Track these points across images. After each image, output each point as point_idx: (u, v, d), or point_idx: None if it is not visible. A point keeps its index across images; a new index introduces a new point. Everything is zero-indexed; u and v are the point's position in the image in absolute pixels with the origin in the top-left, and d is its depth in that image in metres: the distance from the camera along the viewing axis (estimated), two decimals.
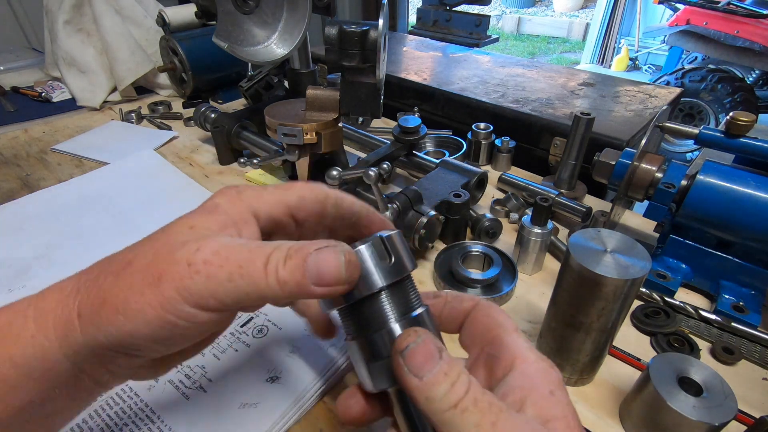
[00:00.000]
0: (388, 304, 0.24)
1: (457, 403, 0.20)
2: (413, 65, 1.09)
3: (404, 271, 0.24)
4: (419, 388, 0.21)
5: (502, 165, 0.77)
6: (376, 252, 0.24)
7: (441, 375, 0.21)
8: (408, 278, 0.25)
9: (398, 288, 0.24)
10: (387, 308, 0.24)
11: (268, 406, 0.37)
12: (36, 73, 1.18)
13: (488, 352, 0.25)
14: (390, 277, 0.24)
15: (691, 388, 0.34)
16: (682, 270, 0.52)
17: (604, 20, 4.62)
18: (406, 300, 0.25)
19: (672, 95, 0.90)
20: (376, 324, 0.24)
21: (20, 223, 0.62)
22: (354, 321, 0.25)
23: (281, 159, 0.61)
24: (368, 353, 0.24)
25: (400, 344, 0.22)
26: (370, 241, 0.24)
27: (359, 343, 0.24)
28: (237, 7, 0.60)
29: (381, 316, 0.24)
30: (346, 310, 0.25)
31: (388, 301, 0.24)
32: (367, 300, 0.24)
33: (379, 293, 0.24)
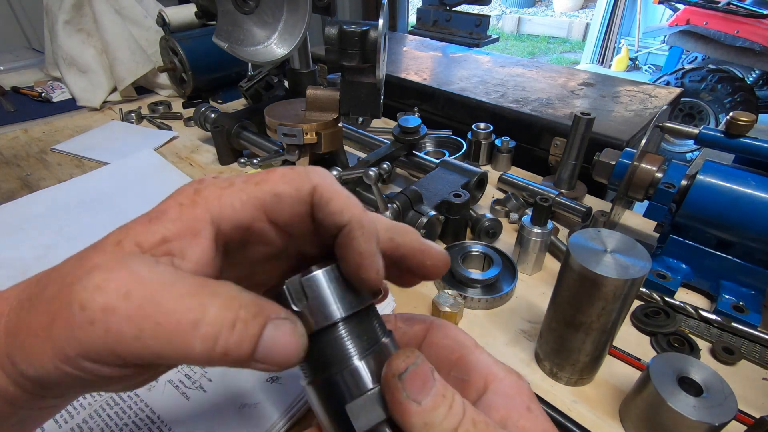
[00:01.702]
0: (349, 339, 0.21)
1: (457, 426, 0.18)
2: (413, 65, 1.09)
3: (366, 300, 0.21)
4: (417, 414, 0.18)
5: (502, 165, 0.77)
6: (333, 277, 0.20)
7: (439, 397, 0.19)
8: (370, 306, 0.22)
9: (359, 317, 0.21)
10: (348, 343, 0.21)
11: (268, 406, 0.37)
12: (36, 73, 1.18)
13: (455, 376, 0.24)
14: (349, 307, 0.20)
15: (691, 388, 0.34)
16: (682, 270, 0.52)
17: (604, 20, 4.62)
18: (370, 330, 0.22)
19: (672, 95, 0.90)
20: (339, 362, 0.20)
21: (20, 223, 0.62)
22: (311, 360, 0.21)
23: (281, 159, 0.61)
24: (332, 396, 0.21)
25: (398, 367, 0.19)
26: (328, 266, 0.21)
27: (318, 385, 0.21)
28: (237, 7, 0.60)
29: (343, 353, 0.20)
30: None
31: (348, 334, 0.21)
32: (325, 335, 0.20)
33: (336, 326, 0.20)
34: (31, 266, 0.54)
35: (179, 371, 0.40)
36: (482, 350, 0.24)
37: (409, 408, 0.18)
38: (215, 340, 0.16)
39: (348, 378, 0.20)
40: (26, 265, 0.54)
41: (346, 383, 0.20)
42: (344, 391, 0.20)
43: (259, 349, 0.17)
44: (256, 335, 0.17)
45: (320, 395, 0.21)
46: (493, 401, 0.22)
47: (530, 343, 0.46)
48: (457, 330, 0.25)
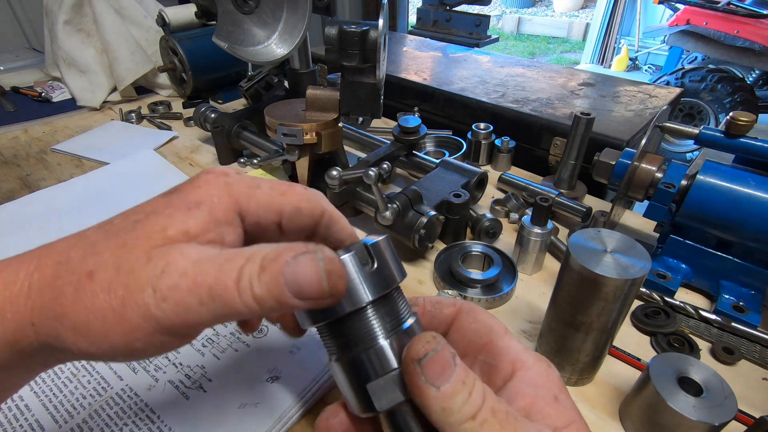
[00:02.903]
0: (376, 320, 0.21)
1: (476, 414, 0.19)
2: (413, 65, 1.09)
3: (393, 282, 0.22)
4: (436, 399, 0.19)
5: (502, 165, 0.77)
6: (360, 261, 0.21)
7: (459, 384, 0.19)
8: (397, 288, 0.23)
9: (386, 300, 0.22)
10: (375, 324, 0.21)
11: (268, 406, 0.37)
12: (36, 73, 1.18)
13: (483, 360, 0.24)
14: (377, 290, 0.21)
15: (691, 388, 0.34)
16: (682, 270, 0.52)
17: (604, 20, 4.62)
18: (395, 312, 0.22)
19: (672, 95, 0.90)
20: (365, 341, 0.21)
21: (20, 223, 0.62)
22: (337, 339, 0.22)
23: (281, 159, 0.61)
24: (356, 374, 0.21)
25: (417, 352, 0.20)
26: (353, 249, 0.21)
27: (344, 363, 0.22)
28: (237, 7, 0.60)
29: (369, 333, 0.21)
30: (327, 327, 0.22)
31: (375, 316, 0.21)
32: (352, 316, 0.21)
33: (365, 308, 0.21)
34: None
35: (179, 371, 0.40)
36: (512, 336, 0.24)
37: (428, 392, 0.19)
38: (251, 290, 0.19)
39: (373, 357, 0.21)
40: None
41: (371, 362, 0.21)
42: (368, 369, 0.21)
43: (286, 287, 0.19)
44: (280, 274, 0.19)
45: (345, 372, 0.22)
46: (519, 388, 0.22)
47: (530, 343, 0.46)
48: (487, 314, 0.25)
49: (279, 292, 0.19)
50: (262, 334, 0.44)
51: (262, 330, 0.45)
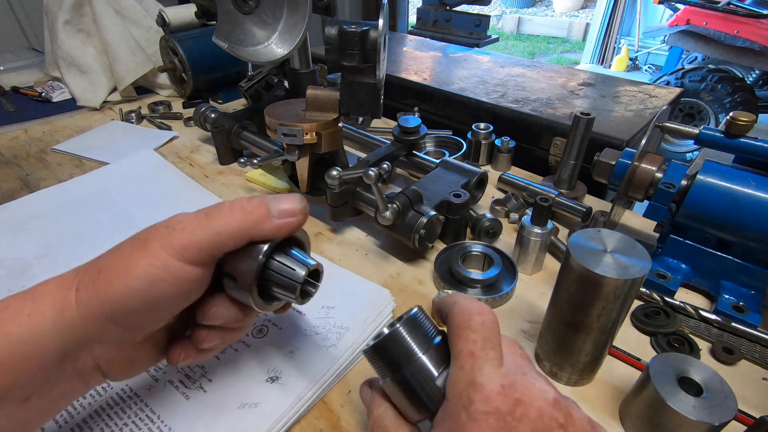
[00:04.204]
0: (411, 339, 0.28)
1: None
2: (413, 65, 1.09)
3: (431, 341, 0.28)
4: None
5: (502, 165, 0.77)
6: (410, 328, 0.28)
7: None
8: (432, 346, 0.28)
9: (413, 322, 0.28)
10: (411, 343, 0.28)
11: (268, 406, 0.37)
12: (36, 73, 1.18)
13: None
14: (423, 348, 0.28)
15: (691, 388, 0.34)
16: (682, 270, 0.52)
17: (604, 20, 4.62)
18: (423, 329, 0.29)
19: (672, 95, 0.90)
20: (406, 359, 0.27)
21: (20, 223, 0.62)
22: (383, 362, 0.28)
23: (281, 159, 0.61)
24: (407, 388, 0.27)
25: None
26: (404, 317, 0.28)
27: (395, 382, 0.28)
28: (237, 7, 0.60)
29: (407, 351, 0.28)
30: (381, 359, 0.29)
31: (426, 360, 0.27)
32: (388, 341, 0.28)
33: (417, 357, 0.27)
34: (31, 266, 0.54)
35: (179, 371, 0.40)
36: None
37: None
38: (241, 206, 0.28)
39: (417, 371, 0.27)
40: (26, 265, 0.54)
41: (416, 376, 0.27)
42: (415, 383, 0.27)
43: (269, 205, 0.29)
44: (263, 198, 0.29)
45: (398, 389, 0.27)
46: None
47: (530, 343, 0.46)
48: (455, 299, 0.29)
49: (264, 207, 0.28)
50: (262, 335, 0.44)
51: (262, 330, 0.45)
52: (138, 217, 0.64)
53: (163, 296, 0.26)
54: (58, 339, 0.25)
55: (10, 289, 0.51)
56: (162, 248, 0.26)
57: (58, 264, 0.55)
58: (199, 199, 0.68)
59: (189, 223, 0.27)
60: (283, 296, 0.32)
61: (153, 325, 0.29)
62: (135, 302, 0.26)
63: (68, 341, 0.25)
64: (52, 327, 0.25)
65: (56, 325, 0.25)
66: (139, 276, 0.25)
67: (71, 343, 0.26)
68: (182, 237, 0.26)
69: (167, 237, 0.26)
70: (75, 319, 0.25)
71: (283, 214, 0.29)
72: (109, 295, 0.25)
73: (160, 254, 0.26)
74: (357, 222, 0.64)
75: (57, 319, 0.25)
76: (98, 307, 0.25)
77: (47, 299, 0.26)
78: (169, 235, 0.26)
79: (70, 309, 0.25)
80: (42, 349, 0.25)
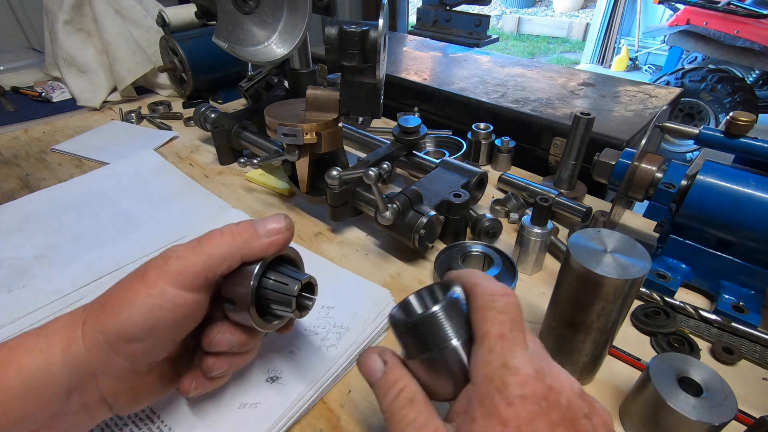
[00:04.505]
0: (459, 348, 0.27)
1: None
2: (413, 65, 1.09)
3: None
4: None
5: (502, 165, 0.77)
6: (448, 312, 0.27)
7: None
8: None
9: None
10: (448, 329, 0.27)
11: (268, 406, 0.37)
12: (36, 73, 1.18)
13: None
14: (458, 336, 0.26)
15: (691, 388, 0.34)
16: (682, 270, 0.52)
17: (604, 20, 4.62)
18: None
19: (672, 95, 0.90)
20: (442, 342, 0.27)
21: (20, 223, 0.62)
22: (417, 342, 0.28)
23: (281, 159, 0.61)
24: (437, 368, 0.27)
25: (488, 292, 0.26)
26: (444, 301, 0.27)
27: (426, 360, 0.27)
28: (237, 7, 0.60)
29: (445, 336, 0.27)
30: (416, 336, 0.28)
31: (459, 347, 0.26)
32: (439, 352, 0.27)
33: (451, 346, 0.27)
34: (32, 266, 0.54)
35: None
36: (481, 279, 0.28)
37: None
38: (230, 231, 0.30)
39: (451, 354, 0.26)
40: (26, 265, 0.54)
41: (448, 358, 0.26)
42: (446, 365, 0.26)
43: (257, 226, 0.31)
44: (249, 222, 0.31)
45: (426, 368, 0.27)
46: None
47: None
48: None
49: (252, 230, 0.30)
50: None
51: None
52: (138, 217, 0.64)
53: (161, 324, 0.28)
54: (66, 372, 0.26)
55: (10, 288, 0.51)
56: (158, 277, 0.27)
57: (58, 264, 0.55)
58: (199, 199, 0.68)
59: (183, 251, 0.29)
60: (281, 312, 0.33)
61: (155, 355, 0.30)
62: (135, 331, 0.27)
63: (75, 374, 0.27)
64: (60, 361, 0.26)
65: (64, 358, 0.26)
66: (139, 305, 0.27)
67: (78, 376, 0.27)
68: (177, 264, 0.28)
69: (163, 267, 0.28)
70: (81, 353, 0.27)
71: (269, 233, 0.31)
72: (111, 325, 0.27)
73: (156, 283, 0.27)
74: (357, 222, 0.64)
75: (65, 353, 0.26)
76: (102, 338, 0.27)
77: (57, 335, 0.27)
78: (165, 264, 0.28)
79: (77, 343, 0.27)
80: (51, 383, 0.26)
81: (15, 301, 0.49)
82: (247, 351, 0.34)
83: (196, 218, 0.64)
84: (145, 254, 0.56)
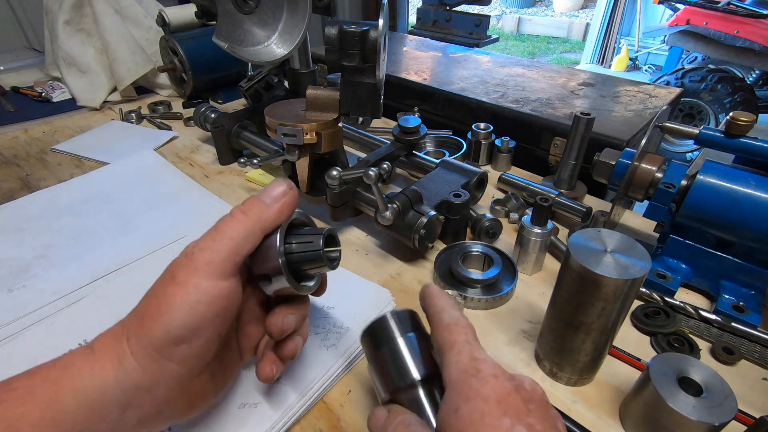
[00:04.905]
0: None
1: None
2: (413, 65, 1.09)
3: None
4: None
5: (502, 165, 0.77)
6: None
7: None
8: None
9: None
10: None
11: (268, 406, 0.37)
12: (36, 73, 1.18)
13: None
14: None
15: (691, 388, 0.34)
16: (682, 270, 0.52)
17: (604, 20, 4.62)
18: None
19: (672, 95, 0.90)
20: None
21: (20, 223, 0.62)
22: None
23: (281, 159, 0.61)
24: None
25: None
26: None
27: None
28: (237, 7, 0.60)
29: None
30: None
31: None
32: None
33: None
34: (32, 266, 0.54)
35: None
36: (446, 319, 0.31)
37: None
38: (239, 210, 0.31)
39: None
40: (26, 265, 0.54)
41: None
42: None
43: (262, 196, 0.32)
44: (255, 198, 0.32)
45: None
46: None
47: (530, 343, 0.46)
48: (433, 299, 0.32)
49: (259, 202, 0.31)
50: None
51: None
52: (138, 217, 0.64)
53: (204, 319, 0.28)
54: (120, 390, 0.27)
55: (10, 288, 0.51)
56: (189, 275, 0.28)
57: (58, 264, 0.55)
58: (199, 199, 0.68)
59: (203, 243, 0.29)
60: (314, 271, 0.34)
61: (205, 354, 0.30)
62: (181, 332, 0.27)
63: (129, 389, 0.27)
64: (113, 379, 0.27)
65: (117, 376, 0.27)
66: (177, 308, 0.27)
67: (132, 392, 0.27)
68: (203, 257, 0.28)
69: (190, 264, 0.28)
70: (134, 368, 0.27)
71: (276, 199, 0.31)
72: (156, 333, 0.27)
73: (189, 281, 0.28)
74: (357, 222, 0.64)
75: (117, 371, 0.27)
76: (150, 349, 0.27)
77: (105, 354, 0.27)
78: (191, 261, 0.28)
79: (128, 359, 0.27)
80: (105, 401, 0.27)
81: (15, 300, 0.49)
82: (304, 322, 0.37)
83: (196, 218, 0.64)
84: (145, 254, 0.56)
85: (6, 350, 0.43)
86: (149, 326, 0.27)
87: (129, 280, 0.52)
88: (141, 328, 0.28)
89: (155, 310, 0.28)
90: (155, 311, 0.28)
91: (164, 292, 0.28)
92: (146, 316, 0.28)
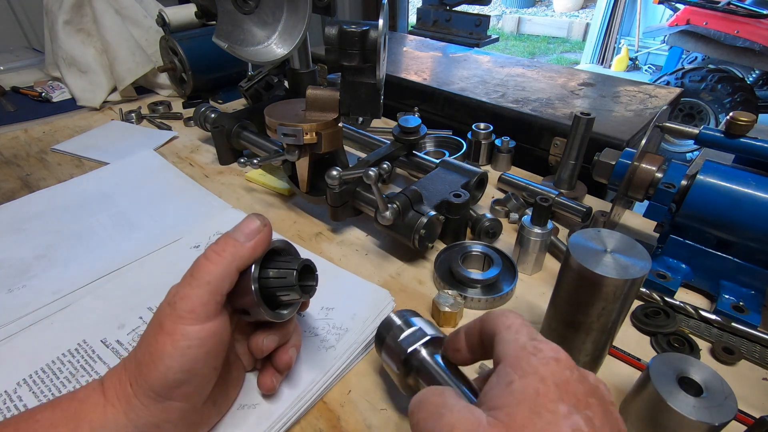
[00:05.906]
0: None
1: None
2: (413, 65, 1.09)
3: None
4: None
5: (502, 165, 0.77)
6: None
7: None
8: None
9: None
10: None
11: (267, 407, 0.37)
12: (36, 73, 1.18)
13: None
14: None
15: (691, 388, 0.34)
16: (682, 270, 0.52)
17: (604, 20, 4.62)
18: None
19: (672, 95, 0.90)
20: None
21: (20, 223, 0.62)
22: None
23: (281, 159, 0.61)
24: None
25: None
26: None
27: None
28: (237, 7, 0.60)
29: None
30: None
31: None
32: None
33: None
34: (31, 266, 0.54)
35: None
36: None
37: None
38: (212, 251, 0.31)
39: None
40: (26, 265, 0.54)
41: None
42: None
43: (235, 233, 0.32)
44: (226, 236, 0.32)
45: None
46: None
47: None
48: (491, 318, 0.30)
49: (233, 239, 0.32)
50: None
51: None
52: (138, 217, 0.64)
53: (198, 360, 0.29)
54: (132, 427, 0.29)
55: (10, 288, 0.51)
56: (174, 324, 0.29)
57: (58, 264, 0.55)
58: (199, 199, 0.68)
59: (183, 290, 0.30)
60: (290, 300, 0.35)
61: (205, 387, 0.32)
62: (178, 376, 0.29)
63: (141, 426, 0.29)
64: (124, 417, 0.29)
65: (128, 416, 0.29)
66: (169, 355, 0.28)
67: (144, 427, 0.29)
68: (184, 306, 0.29)
69: (173, 313, 0.29)
70: (141, 409, 0.29)
71: (249, 236, 0.32)
72: (154, 382, 0.28)
73: (175, 330, 0.29)
74: (357, 222, 0.64)
75: (127, 410, 0.29)
76: (152, 394, 0.29)
77: (114, 395, 0.29)
78: (174, 310, 0.29)
79: (134, 401, 0.29)
80: None
81: (15, 301, 0.49)
82: (293, 333, 0.38)
83: (196, 218, 0.64)
84: (145, 254, 0.56)
85: (6, 350, 0.43)
86: (146, 374, 0.29)
87: (129, 280, 0.52)
88: (140, 376, 0.29)
89: (149, 359, 0.29)
90: (150, 360, 0.29)
91: (155, 341, 0.29)
92: (143, 363, 0.29)
